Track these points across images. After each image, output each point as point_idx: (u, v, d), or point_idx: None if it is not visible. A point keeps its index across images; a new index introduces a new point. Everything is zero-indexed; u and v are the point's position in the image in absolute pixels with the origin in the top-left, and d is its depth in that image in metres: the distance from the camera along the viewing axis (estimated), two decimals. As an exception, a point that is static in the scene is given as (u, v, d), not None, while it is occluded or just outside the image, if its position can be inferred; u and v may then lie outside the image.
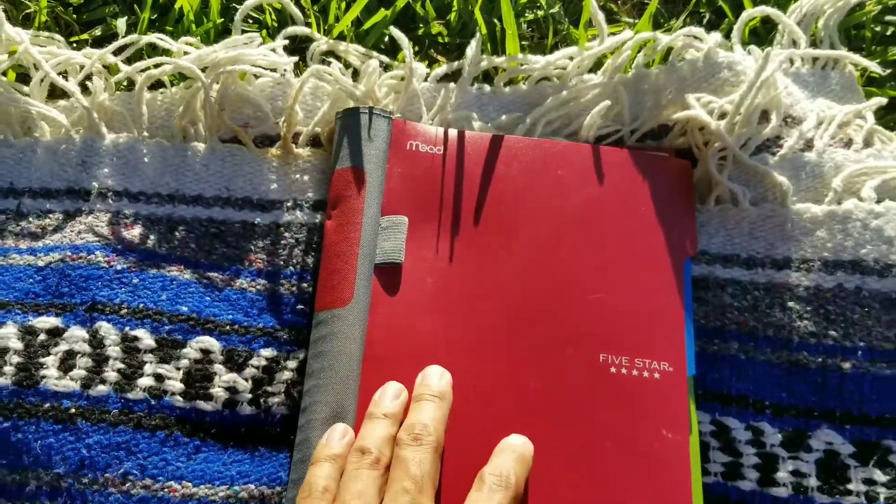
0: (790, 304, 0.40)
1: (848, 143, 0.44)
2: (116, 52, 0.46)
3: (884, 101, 0.45)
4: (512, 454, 0.35)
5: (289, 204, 0.43)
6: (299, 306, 0.41)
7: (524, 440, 0.36)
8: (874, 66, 0.47)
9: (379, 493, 0.33)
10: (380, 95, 0.45)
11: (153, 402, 0.38)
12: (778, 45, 0.47)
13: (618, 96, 0.45)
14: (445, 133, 0.43)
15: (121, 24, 0.50)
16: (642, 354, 0.39)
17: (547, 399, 0.38)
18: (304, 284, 0.42)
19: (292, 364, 0.40)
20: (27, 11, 0.51)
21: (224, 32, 0.49)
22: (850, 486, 0.38)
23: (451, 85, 0.45)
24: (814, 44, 0.49)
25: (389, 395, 0.37)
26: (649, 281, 0.40)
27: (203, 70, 0.44)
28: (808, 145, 0.43)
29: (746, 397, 0.40)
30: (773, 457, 0.39)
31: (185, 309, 0.40)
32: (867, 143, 0.44)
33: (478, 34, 0.44)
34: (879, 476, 0.38)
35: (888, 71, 0.48)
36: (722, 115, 0.43)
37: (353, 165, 0.42)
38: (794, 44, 0.48)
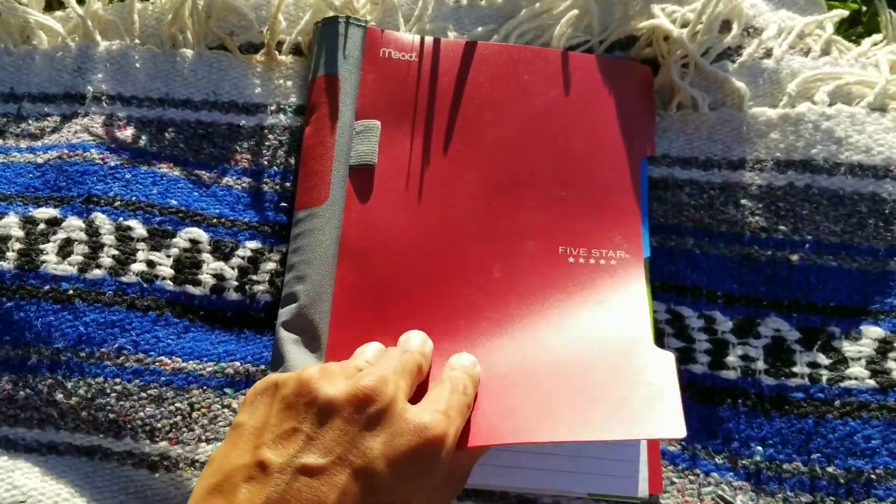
0: (743, 201, 0.43)
1: (807, 53, 0.46)
2: (109, -34, 0.49)
3: (844, 13, 0.47)
4: (463, 373, 0.37)
5: (272, 108, 0.46)
6: (282, 204, 0.44)
7: (473, 360, 0.38)
8: (837, -18, 0.48)
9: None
10: (358, 6, 0.47)
11: (145, 286, 0.41)
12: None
13: (588, 8, 0.47)
14: (420, 40, 0.45)
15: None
16: (599, 245, 0.42)
17: (509, 285, 0.41)
18: (287, 184, 0.44)
19: (276, 256, 0.43)
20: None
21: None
22: (795, 369, 0.41)
23: (429, -3, 0.48)
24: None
25: (371, 350, 0.37)
26: (609, 178, 0.43)
27: (191, -19, 0.46)
28: (768, 53, 0.45)
29: (700, 288, 0.42)
30: (723, 342, 0.41)
31: (174, 202, 0.43)
32: (825, 52, 0.46)
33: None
34: (822, 359, 0.41)
35: (851, -13, 0.50)
36: (685, 25, 0.45)
37: (328, 73, 0.44)
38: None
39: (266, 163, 0.45)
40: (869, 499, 0.38)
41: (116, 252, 0.42)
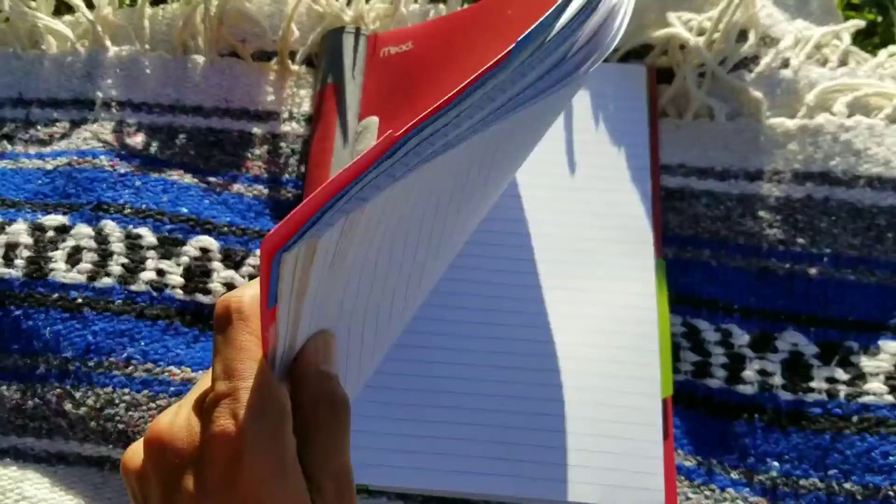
0: (761, 213, 0.42)
1: (824, 63, 0.45)
2: (120, -30, 0.48)
3: (861, 23, 0.46)
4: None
5: (284, 116, 0.45)
6: (293, 212, 0.44)
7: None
8: (854, -8, 0.48)
9: None
10: (369, 19, 0.47)
11: (155, 294, 0.41)
12: (761, -31, 0.48)
13: (602, 16, 0.46)
14: (413, 28, 0.44)
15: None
16: None
17: None
18: (299, 191, 0.44)
19: (286, 265, 0.42)
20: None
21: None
22: (813, 384, 0.40)
23: (441, 6, 0.47)
24: (796, -31, 0.50)
25: None
26: None
27: (203, -14, 0.46)
28: (785, 63, 0.45)
29: (716, 301, 0.42)
30: (740, 357, 0.41)
31: (184, 210, 0.43)
32: (842, 62, 0.45)
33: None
34: (841, 374, 0.40)
35: (868, -4, 0.49)
36: (701, 33, 0.45)
37: (330, 83, 0.44)
38: (777, -31, 0.49)
39: (277, 170, 0.44)
40: (887, 516, 0.38)
41: (126, 260, 0.41)
